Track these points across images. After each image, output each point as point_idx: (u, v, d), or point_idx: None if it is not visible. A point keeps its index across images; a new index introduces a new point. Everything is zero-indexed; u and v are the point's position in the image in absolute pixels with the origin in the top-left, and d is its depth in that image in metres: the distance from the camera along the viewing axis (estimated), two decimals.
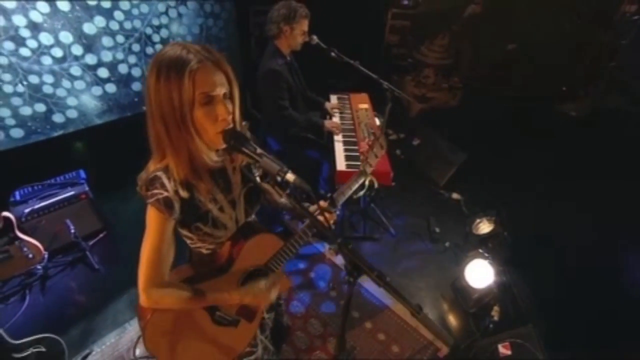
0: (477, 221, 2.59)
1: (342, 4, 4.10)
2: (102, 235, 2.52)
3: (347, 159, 2.20)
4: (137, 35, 2.83)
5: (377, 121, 2.70)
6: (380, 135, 1.22)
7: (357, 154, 2.25)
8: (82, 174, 2.46)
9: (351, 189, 1.16)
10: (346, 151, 2.27)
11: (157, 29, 2.94)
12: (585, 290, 2.21)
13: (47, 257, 2.17)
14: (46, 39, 2.43)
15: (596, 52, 4.42)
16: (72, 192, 2.30)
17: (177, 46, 0.75)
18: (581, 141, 3.82)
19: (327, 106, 2.69)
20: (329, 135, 2.47)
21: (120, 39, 2.76)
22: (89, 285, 2.24)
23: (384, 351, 1.96)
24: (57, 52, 2.51)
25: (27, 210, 2.13)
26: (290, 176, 0.72)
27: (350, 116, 2.68)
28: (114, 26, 2.69)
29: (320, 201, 1.03)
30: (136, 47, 2.88)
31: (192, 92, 0.74)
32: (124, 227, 2.64)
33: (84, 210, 2.39)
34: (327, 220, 0.85)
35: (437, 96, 4.66)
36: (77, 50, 2.59)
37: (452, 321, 2.18)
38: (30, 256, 2.05)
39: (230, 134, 0.78)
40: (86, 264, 2.33)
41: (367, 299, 2.25)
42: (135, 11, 2.74)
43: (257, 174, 1.02)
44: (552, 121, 4.36)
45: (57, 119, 2.72)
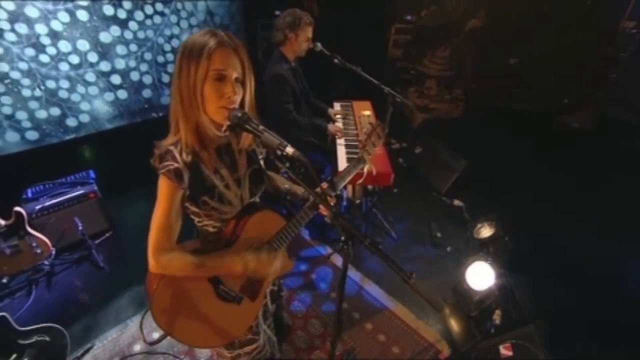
0: (479, 226, 2.59)
1: (347, 20, 4.27)
2: (108, 234, 2.58)
3: (349, 160, 2.25)
4: (149, 44, 2.97)
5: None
6: (377, 125, 1.27)
7: (361, 167, 2.30)
8: (92, 174, 2.54)
9: (350, 174, 1.20)
10: (348, 154, 2.32)
11: (169, 38, 3.09)
12: (585, 293, 2.20)
13: (55, 253, 2.22)
14: (64, 46, 2.57)
15: (597, 65, 4.50)
16: (81, 191, 2.37)
17: (206, 31, 0.84)
18: (583, 151, 3.84)
19: (331, 112, 2.76)
20: (332, 140, 2.53)
21: (133, 47, 2.89)
22: (93, 282, 2.28)
23: (384, 352, 1.95)
24: (74, 59, 2.64)
25: (38, 207, 2.20)
26: (289, 149, 0.77)
27: (352, 122, 2.74)
28: (128, 35, 2.83)
29: (322, 183, 1.07)
30: (148, 56, 3.01)
31: (207, 67, 0.82)
32: (130, 228, 2.70)
33: (92, 209, 2.45)
34: (326, 200, 0.89)
35: (440, 107, 4.74)
36: (93, 57, 2.72)
37: (453, 325, 2.15)
38: (38, 252, 2.10)
39: (234, 113, 0.84)
40: (91, 262, 2.37)
41: (368, 301, 2.25)
42: (148, 22, 2.89)
43: (261, 158, 1.08)
44: (554, 132, 4.39)
45: (71, 122, 2.83)
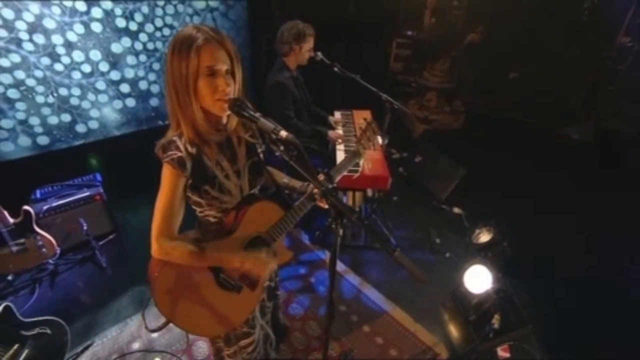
0: (477, 231, 2.62)
1: (349, 35, 4.42)
2: (111, 236, 2.63)
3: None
4: (158, 55, 3.11)
5: (379, 139, 2.83)
6: (372, 121, 1.33)
7: (357, 161, 2.36)
8: (99, 177, 2.62)
9: (346, 167, 1.26)
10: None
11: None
12: (583, 297, 2.20)
13: (59, 253, 2.27)
14: (78, 56, 2.70)
15: (595, 78, 4.58)
16: (87, 193, 2.44)
17: (190, 27, 0.90)
18: (582, 161, 3.86)
19: (331, 120, 2.84)
20: (333, 147, 2.60)
21: (142, 58, 3.03)
22: (95, 282, 2.32)
23: (381, 354, 1.95)
24: (86, 68, 2.77)
25: (46, 207, 2.27)
26: (282, 133, 0.83)
27: (353, 129, 2.81)
28: (138, 46, 2.97)
29: (318, 175, 1.12)
30: (156, 66, 3.15)
31: (197, 64, 0.87)
32: (132, 232, 2.75)
33: (97, 211, 2.51)
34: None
35: (440, 118, 4.82)
36: (104, 66, 2.85)
37: (452, 329, 2.15)
38: (44, 250, 2.15)
39: (233, 101, 0.90)
40: (94, 262, 2.42)
41: (366, 304, 2.25)
42: (158, 34, 3.04)
43: (260, 151, 1.13)
44: (554, 143, 4.43)
45: (80, 129, 2.94)
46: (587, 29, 4.62)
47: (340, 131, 2.75)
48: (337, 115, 3.10)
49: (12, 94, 2.50)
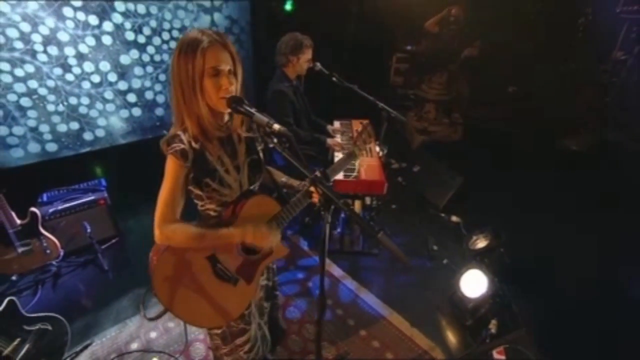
0: (474, 238, 2.64)
1: (351, 50, 4.57)
2: (114, 241, 2.68)
3: (345, 170, 2.37)
4: (164, 66, 3.24)
5: (378, 149, 2.90)
6: (368, 124, 1.39)
7: (354, 166, 2.42)
8: (103, 182, 2.69)
9: (342, 167, 1.31)
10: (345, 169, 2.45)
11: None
12: (581, 303, 2.19)
13: (63, 255, 2.32)
14: (88, 67, 2.83)
15: (592, 91, 4.67)
16: (92, 197, 2.52)
17: (195, 30, 0.98)
18: (581, 172, 3.89)
19: (330, 129, 2.92)
20: (332, 155, 2.66)
21: (149, 69, 3.16)
22: (97, 284, 2.37)
23: (378, 358, 1.95)
24: (96, 78, 2.89)
25: (51, 210, 2.34)
26: (275, 126, 0.89)
27: (351, 137, 2.89)
28: (146, 58, 3.10)
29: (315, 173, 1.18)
30: (162, 77, 3.27)
31: (203, 65, 0.95)
32: (134, 238, 2.81)
33: (101, 215, 2.58)
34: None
35: (439, 130, 4.89)
36: (112, 77, 2.98)
37: (449, 334, 2.15)
38: (48, 252, 2.21)
39: (231, 99, 0.98)
40: (96, 265, 2.47)
41: (363, 309, 2.27)
42: (165, 46, 3.17)
43: (260, 149, 1.20)
44: (553, 154, 4.47)
45: (87, 136, 3.04)
46: (583, 44, 4.74)
47: (339, 139, 2.82)
48: (337, 124, 3.18)
49: (25, 102, 2.62)
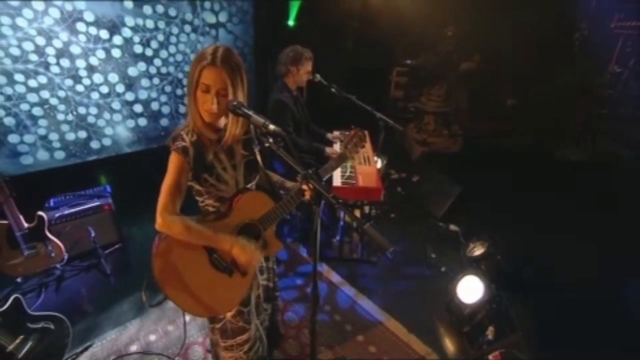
0: (472, 246, 2.66)
1: (352, 65, 4.70)
2: (117, 246, 2.73)
3: (342, 177, 2.43)
4: (170, 78, 3.36)
5: (378, 160, 2.97)
6: (359, 130, 1.46)
7: (351, 174, 2.49)
8: (108, 188, 2.77)
9: (333, 168, 1.37)
10: (342, 171, 2.51)
11: (187, 75, 3.48)
12: (580, 310, 2.20)
13: (67, 259, 2.37)
14: (98, 78, 2.95)
15: (589, 103, 4.74)
16: (97, 203, 2.58)
17: (211, 47, 1.08)
18: (580, 182, 3.92)
19: (329, 136, 3.00)
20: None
21: (156, 81, 3.28)
22: (99, 288, 2.41)
23: None
24: (104, 89, 3.01)
25: (57, 214, 2.40)
26: (271, 126, 0.96)
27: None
28: (153, 70, 3.23)
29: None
30: (168, 89, 3.39)
31: (198, 79, 1.06)
32: (136, 245, 2.85)
33: (105, 220, 2.64)
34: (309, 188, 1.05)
35: (438, 141, 4.97)
36: (120, 88, 3.10)
37: (446, 341, 2.15)
38: (53, 255, 2.26)
39: (231, 103, 1.05)
40: (99, 269, 2.51)
41: (360, 315, 2.28)
42: (171, 59, 3.30)
43: (257, 149, 1.26)
44: (552, 164, 4.51)
45: (94, 145, 3.14)
46: (579, 57, 4.85)
47: (337, 148, 2.90)
48: (336, 133, 3.27)
49: (37, 111, 2.73)
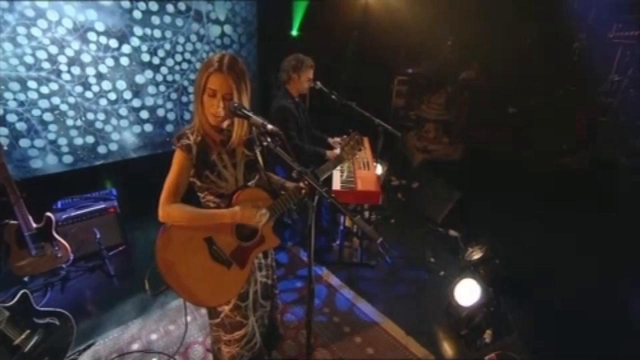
0: (470, 250, 2.69)
1: (355, 73, 4.80)
2: (121, 248, 2.79)
3: (342, 181, 2.49)
4: (176, 86, 3.46)
5: (379, 167, 3.02)
6: (357, 134, 1.51)
7: (351, 178, 2.54)
8: (114, 191, 2.84)
9: (330, 169, 1.43)
10: (341, 176, 2.57)
11: (193, 82, 3.58)
12: (577, 314, 2.20)
13: (72, 259, 2.43)
14: (106, 85, 3.05)
15: (590, 112, 4.79)
16: (102, 205, 2.65)
17: (219, 54, 1.15)
18: (580, 189, 3.93)
19: (330, 141, 3.06)
20: None
21: (162, 88, 3.38)
22: (102, 288, 2.46)
23: None
24: (112, 96, 3.11)
25: (64, 216, 2.47)
26: (269, 126, 1.03)
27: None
28: (159, 78, 3.33)
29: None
30: (174, 96, 3.49)
31: (205, 84, 1.13)
32: (141, 248, 2.91)
33: (110, 223, 2.71)
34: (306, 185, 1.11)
35: (439, 149, 5.01)
36: (128, 95, 3.20)
37: (444, 343, 2.16)
38: (59, 255, 2.32)
39: (232, 105, 1.12)
40: (103, 271, 2.57)
41: (358, 317, 2.30)
42: (177, 67, 3.41)
43: (257, 149, 1.33)
44: (553, 172, 4.53)
45: (101, 150, 3.23)
46: (579, 67, 4.91)
47: (338, 152, 2.95)
48: (337, 138, 3.33)
49: (47, 117, 2.83)
